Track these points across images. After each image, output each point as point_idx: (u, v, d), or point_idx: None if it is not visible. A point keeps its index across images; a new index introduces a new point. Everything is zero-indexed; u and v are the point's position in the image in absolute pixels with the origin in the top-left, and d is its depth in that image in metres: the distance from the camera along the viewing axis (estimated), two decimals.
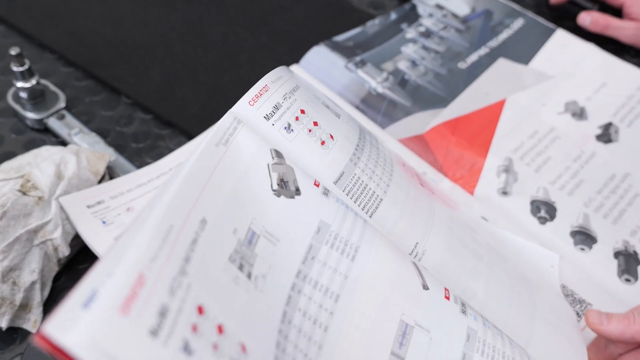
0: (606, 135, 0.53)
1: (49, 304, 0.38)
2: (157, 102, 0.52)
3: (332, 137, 0.35)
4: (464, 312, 0.32)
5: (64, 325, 0.19)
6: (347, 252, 0.30)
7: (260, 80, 0.35)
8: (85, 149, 0.43)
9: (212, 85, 0.54)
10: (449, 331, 0.31)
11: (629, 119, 0.55)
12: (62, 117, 0.48)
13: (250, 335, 0.25)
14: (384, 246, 0.32)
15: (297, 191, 0.31)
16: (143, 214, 0.24)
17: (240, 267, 0.27)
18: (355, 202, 0.34)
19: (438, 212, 0.39)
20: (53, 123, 0.48)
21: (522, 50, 0.60)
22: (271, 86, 0.35)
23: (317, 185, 0.32)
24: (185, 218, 0.25)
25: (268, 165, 0.31)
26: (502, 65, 0.58)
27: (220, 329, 0.23)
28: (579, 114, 0.55)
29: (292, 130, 0.34)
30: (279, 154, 0.32)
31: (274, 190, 0.30)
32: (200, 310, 0.23)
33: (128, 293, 0.20)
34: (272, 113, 0.34)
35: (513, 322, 0.35)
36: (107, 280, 0.21)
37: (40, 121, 0.48)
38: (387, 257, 0.31)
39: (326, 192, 0.32)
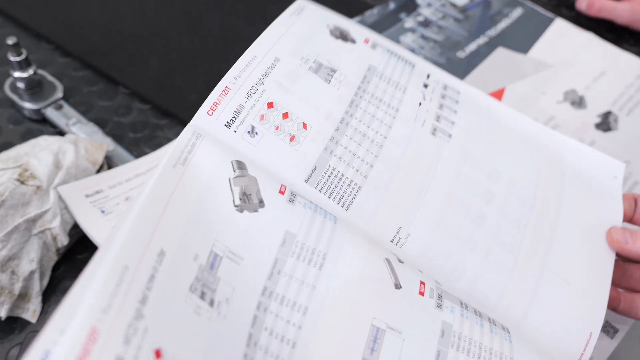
0: (605, 123, 0.53)
1: (48, 294, 0.38)
2: (155, 92, 0.52)
3: (304, 126, 0.34)
4: (439, 306, 0.31)
5: None
6: (314, 261, 0.29)
7: (219, 84, 0.33)
8: (84, 139, 0.43)
9: (210, 74, 0.54)
10: (422, 329, 0.30)
11: (628, 107, 0.55)
12: (59, 107, 0.48)
13: None
14: (353, 248, 0.31)
15: (261, 203, 0.30)
16: (98, 255, 0.24)
17: (202, 296, 0.26)
18: (329, 198, 0.33)
19: (443, 165, 0.36)
20: (51, 113, 0.48)
21: (521, 39, 0.60)
22: (232, 86, 0.33)
23: (283, 193, 0.31)
24: (141, 255, 0.24)
25: (229, 179, 0.30)
26: (501, 54, 0.58)
27: None
28: (578, 102, 0.54)
29: (256, 133, 0.32)
30: (240, 165, 0.30)
31: (236, 206, 0.29)
32: (157, 354, 0.22)
33: (80, 352, 0.20)
34: (233, 119, 0.32)
35: (513, 288, 0.34)
36: (59, 339, 0.20)
37: (37, 111, 0.48)
38: (356, 260, 0.30)
39: (292, 199, 0.31)
